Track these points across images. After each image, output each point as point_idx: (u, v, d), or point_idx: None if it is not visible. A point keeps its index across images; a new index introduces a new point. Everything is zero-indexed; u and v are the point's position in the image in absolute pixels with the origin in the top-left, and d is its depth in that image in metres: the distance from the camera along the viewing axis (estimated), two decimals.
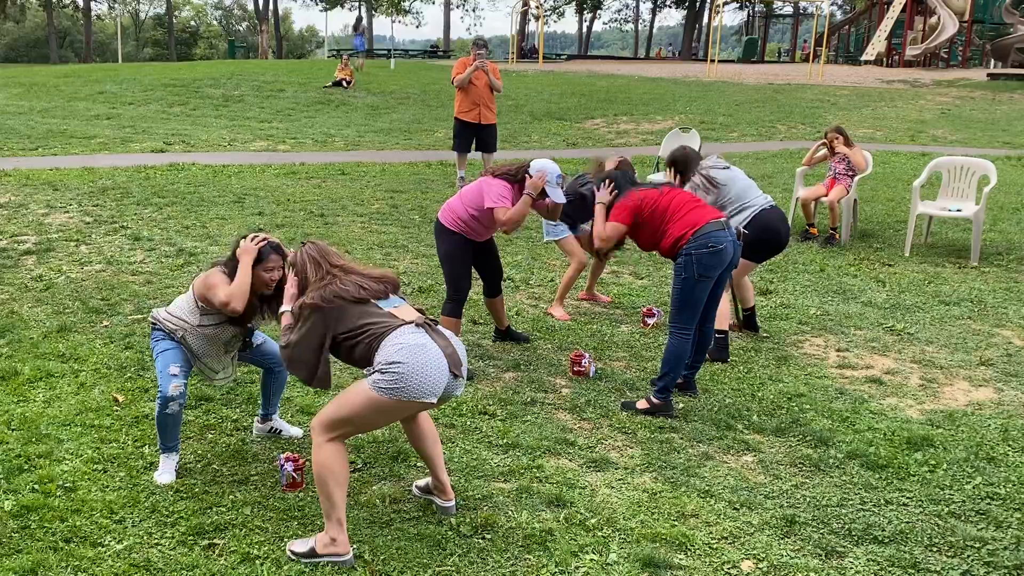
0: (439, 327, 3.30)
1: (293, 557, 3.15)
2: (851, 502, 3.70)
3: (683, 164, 5.52)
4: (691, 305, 4.46)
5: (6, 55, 60.13)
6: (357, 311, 3.19)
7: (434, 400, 3.13)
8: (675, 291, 4.50)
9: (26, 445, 3.89)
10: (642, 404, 4.52)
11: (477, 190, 5.02)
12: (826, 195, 8.47)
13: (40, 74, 24.81)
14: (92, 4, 55.14)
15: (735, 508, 3.62)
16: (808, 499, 3.72)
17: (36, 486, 3.55)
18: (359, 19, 32.12)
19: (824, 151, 8.71)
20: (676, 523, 3.48)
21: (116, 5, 61.48)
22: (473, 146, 10.90)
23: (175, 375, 3.66)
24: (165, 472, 3.68)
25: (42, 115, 16.81)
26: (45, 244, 7.42)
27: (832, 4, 51.53)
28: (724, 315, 5.19)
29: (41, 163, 11.65)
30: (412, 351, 3.07)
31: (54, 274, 6.63)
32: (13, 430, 4.04)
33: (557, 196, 4.91)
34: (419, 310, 3.33)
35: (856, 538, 3.43)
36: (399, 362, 3.04)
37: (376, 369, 3.08)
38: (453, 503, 3.49)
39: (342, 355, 3.26)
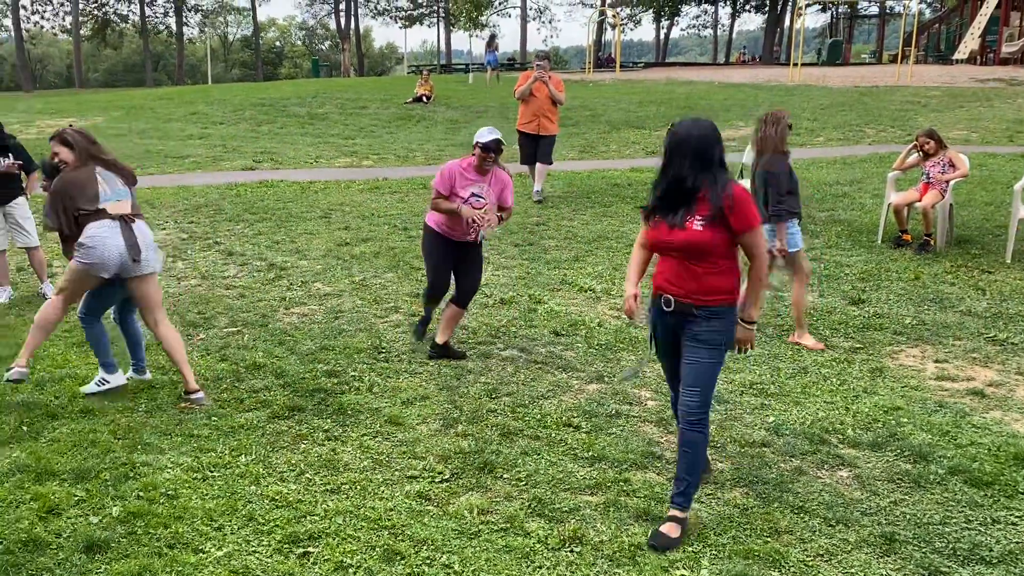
0: (135, 224, 4.51)
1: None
2: (955, 520, 3.55)
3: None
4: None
5: (106, 80, 63.22)
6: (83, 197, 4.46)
7: (107, 275, 4.43)
8: (708, 366, 3.39)
9: (131, 453, 4.06)
10: (675, 532, 3.42)
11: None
12: (919, 200, 8.18)
13: (137, 97, 25.99)
14: (184, 28, 57.61)
15: (831, 525, 3.52)
16: (908, 516, 3.58)
17: (141, 493, 3.70)
18: (492, 36, 33.42)
19: (916, 155, 8.41)
20: (769, 539, 3.40)
21: (206, 29, 64.02)
22: None
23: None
24: (90, 384, 4.78)
25: (140, 136, 17.58)
26: None
27: (921, 2, 49.91)
28: None
29: (140, 182, 12.15)
30: (98, 238, 4.36)
31: None
32: (119, 439, 4.23)
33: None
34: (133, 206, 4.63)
35: (961, 558, 3.29)
36: (87, 245, 4.37)
37: (77, 248, 4.42)
38: (200, 394, 4.63)
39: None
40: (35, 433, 4.28)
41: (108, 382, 4.77)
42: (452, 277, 5.46)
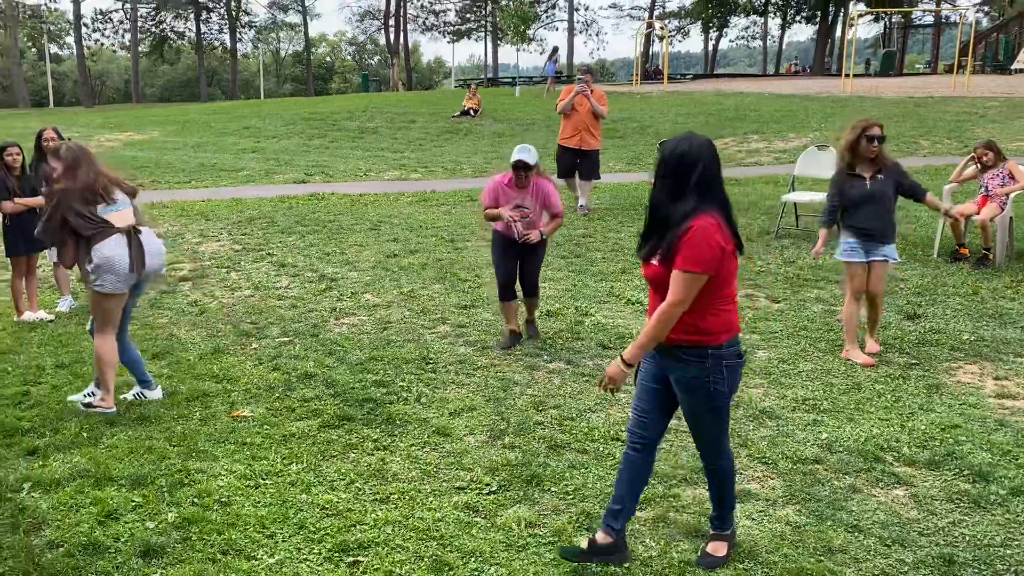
0: (143, 233, 4.60)
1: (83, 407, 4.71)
2: (1016, 542, 3.44)
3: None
4: (727, 423, 3.24)
5: (162, 95, 64.86)
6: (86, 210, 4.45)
7: (127, 288, 4.58)
8: (700, 416, 3.16)
9: (186, 460, 4.15)
10: (721, 551, 3.35)
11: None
12: (978, 213, 7.99)
13: (192, 112, 26.61)
14: (238, 45, 58.91)
15: (886, 545, 3.44)
16: (968, 537, 3.49)
17: (195, 500, 3.77)
18: (555, 48, 35.13)
19: (973, 167, 8.22)
20: (822, 558, 3.34)
21: (259, 45, 65.35)
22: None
23: None
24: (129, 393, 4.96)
25: (195, 150, 18.00)
26: (199, 271, 7.93)
27: (978, 11, 48.84)
28: None
29: (195, 195, 12.47)
30: (109, 260, 4.44)
31: (207, 299, 7.06)
32: (174, 446, 4.32)
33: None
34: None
35: None
36: (102, 269, 4.44)
37: (90, 275, 4.48)
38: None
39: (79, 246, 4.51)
40: (94, 439, 4.40)
41: (145, 396, 4.97)
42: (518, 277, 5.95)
